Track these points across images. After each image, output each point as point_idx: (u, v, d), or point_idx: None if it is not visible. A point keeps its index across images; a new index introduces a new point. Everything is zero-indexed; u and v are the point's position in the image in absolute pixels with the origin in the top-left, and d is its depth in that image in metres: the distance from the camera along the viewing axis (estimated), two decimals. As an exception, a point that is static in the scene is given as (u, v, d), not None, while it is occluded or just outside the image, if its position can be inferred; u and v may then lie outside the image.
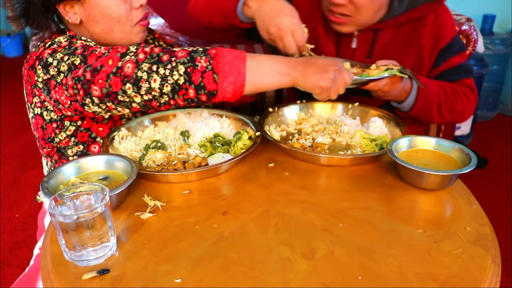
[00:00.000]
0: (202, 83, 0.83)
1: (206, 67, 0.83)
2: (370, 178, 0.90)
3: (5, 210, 2.20)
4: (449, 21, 1.21)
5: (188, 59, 0.84)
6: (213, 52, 0.84)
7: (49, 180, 0.79)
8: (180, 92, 0.84)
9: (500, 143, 2.80)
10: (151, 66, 0.83)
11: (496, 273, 0.66)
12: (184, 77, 0.83)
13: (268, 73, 0.87)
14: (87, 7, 0.99)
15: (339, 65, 0.91)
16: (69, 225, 0.64)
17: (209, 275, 0.64)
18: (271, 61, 0.88)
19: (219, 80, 0.83)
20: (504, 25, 3.06)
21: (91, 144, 1.06)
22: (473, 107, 1.25)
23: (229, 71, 0.83)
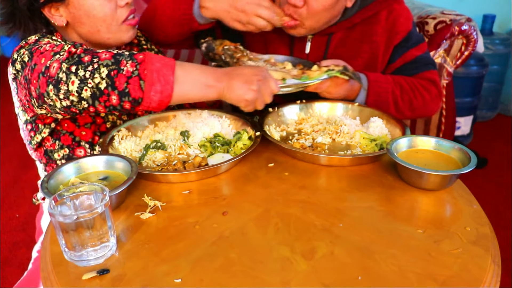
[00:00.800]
0: (127, 89, 0.77)
1: (132, 72, 0.77)
2: (370, 178, 0.90)
3: (5, 210, 2.20)
4: (403, 16, 1.19)
5: (112, 61, 0.78)
6: (140, 57, 0.79)
7: (49, 180, 0.79)
8: (101, 98, 0.79)
9: (500, 143, 2.80)
10: (70, 67, 0.78)
11: (496, 273, 0.66)
12: (107, 81, 0.77)
13: (196, 84, 0.83)
14: (72, 9, 0.98)
15: (264, 74, 0.89)
16: (69, 225, 0.64)
17: (209, 275, 0.64)
18: (199, 72, 0.84)
19: (145, 88, 0.77)
20: (504, 25, 3.06)
21: (76, 148, 1.05)
22: (437, 100, 1.21)
23: (157, 78, 0.78)
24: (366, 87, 1.13)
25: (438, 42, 1.85)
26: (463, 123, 2.67)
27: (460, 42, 1.86)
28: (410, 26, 1.19)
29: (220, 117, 1.10)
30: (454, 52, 1.89)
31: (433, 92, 1.20)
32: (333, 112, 1.17)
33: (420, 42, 1.21)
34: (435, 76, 1.22)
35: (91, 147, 1.07)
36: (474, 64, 2.58)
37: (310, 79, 1.03)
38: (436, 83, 1.21)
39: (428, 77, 1.21)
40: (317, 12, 1.06)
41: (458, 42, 1.87)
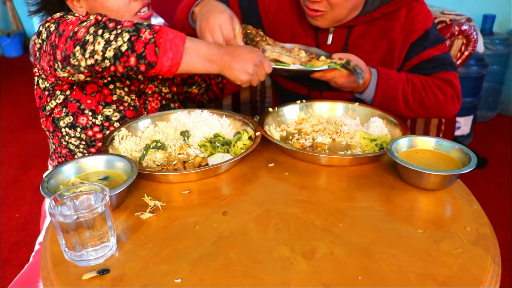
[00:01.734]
0: (144, 53, 0.87)
1: (150, 39, 0.87)
2: (370, 178, 0.90)
3: (5, 210, 2.20)
4: (423, 14, 1.20)
5: (133, 29, 0.88)
6: (157, 28, 0.89)
7: (49, 180, 0.79)
8: (122, 59, 0.88)
9: (500, 143, 2.80)
10: (97, 30, 0.88)
11: (496, 273, 0.66)
12: (128, 45, 0.87)
13: (201, 58, 0.93)
14: (90, 0, 1.06)
15: (260, 58, 1.00)
16: (69, 225, 0.64)
17: (209, 275, 0.64)
18: (206, 47, 0.95)
19: (159, 54, 0.88)
20: (504, 25, 3.07)
21: (79, 116, 1.10)
22: (452, 101, 1.21)
23: (169, 47, 0.88)
24: (375, 82, 1.15)
25: (438, 42, 1.85)
26: (463, 123, 2.68)
27: (460, 42, 1.86)
28: (428, 25, 1.20)
29: (220, 117, 1.10)
30: (454, 52, 1.89)
31: (448, 92, 1.19)
32: (333, 112, 1.17)
33: (440, 43, 1.22)
34: (453, 77, 1.21)
35: (93, 115, 1.10)
36: (474, 64, 2.58)
37: (313, 67, 1.10)
38: (452, 84, 1.21)
39: (444, 78, 1.21)
40: (338, 3, 1.11)
41: (458, 42, 1.87)
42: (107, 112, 1.10)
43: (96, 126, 1.10)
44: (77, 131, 1.10)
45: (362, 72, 1.09)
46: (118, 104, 1.12)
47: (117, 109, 1.12)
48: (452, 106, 1.21)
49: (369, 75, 1.15)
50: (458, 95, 1.22)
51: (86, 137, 1.10)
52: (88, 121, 1.09)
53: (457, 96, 1.21)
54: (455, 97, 1.21)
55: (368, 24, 1.21)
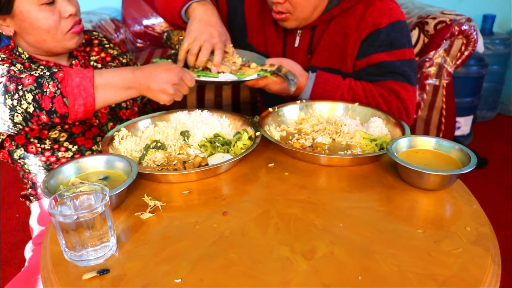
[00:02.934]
0: (53, 108, 0.86)
1: (55, 92, 0.85)
2: (370, 178, 0.90)
3: (5, 210, 2.20)
4: (379, 11, 1.13)
5: (35, 86, 0.86)
6: (60, 76, 0.86)
7: (49, 180, 0.80)
8: (32, 119, 0.87)
9: (500, 143, 2.80)
10: (0, 98, 0.85)
11: (496, 273, 0.66)
12: (34, 105, 0.85)
13: (115, 89, 0.91)
14: (18, 20, 1.03)
15: (178, 75, 0.97)
16: (69, 225, 0.64)
17: (209, 275, 0.64)
18: (118, 77, 0.92)
19: (69, 103, 0.86)
20: (504, 25, 3.07)
21: (28, 145, 1.10)
22: (400, 113, 1.13)
23: (78, 93, 0.86)
24: (310, 87, 1.17)
25: (438, 42, 1.85)
26: (463, 123, 2.67)
27: (460, 42, 1.87)
28: (381, 24, 1.13)
29: (220, 117, 1.10)
30: (454, 52, 1.90)
31: (393, 104, 1.13)
32: (333, 112, 1.17)
33: (395, 48, 1.13)
34: (402, 88, 1.13)
35: (40, 141, 1.09)
36: (474, 64, 2.58)
37: (243, 76, 1.11)
38: (399, 95, 1.13)
39: (390, 87, 1.13)
40: (299, 2, 1.12)
41: (458, 42, 1.87)
42: (53, 135, 1.10)
43: (46, 151, 1.10)
44: (31, 159, 1.10)
45: (295, 78, 1.08)
46: (61, 124, 1.10)
47: (62, 129, 1.10)
48: (400, 118, 1.13)
49: (305, 80, 1.16)
50: (407, 108, 1.14)
51: (41, 163, 1.11)
52: (37, 149, 1.10)
53: (404, 109, 1.14)
54: (402, 110, 1.14)
55: (328, 23, 1.21)
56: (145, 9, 2.68)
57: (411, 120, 1.17)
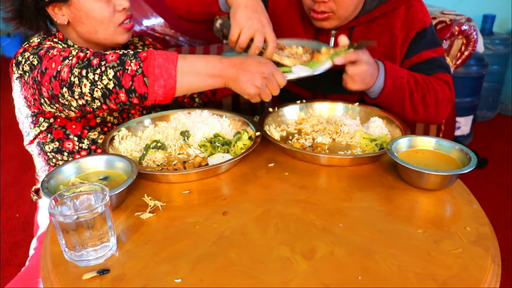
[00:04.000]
0: (133, 86, 0.83)
1: (136, 70, 0.82)
2: (370, 178, 0.90)
3: (5, 210, 2.20)
4: (421, 12, 1.20)
5: (117, 63, 0.84)
6: (144, 55, 0.84)
7: (49, 180, 0.79)
8: (111, 97, 0.84)
9: (500, 143, 2.80)
10: (81, 71, 0.84)
11: (496, 273, 0.66)
12: (114, 82, 0.83)
13: (200, 75, 0.87)
14: (73, 9, 1.04)
15: (270, 70, 0.91)
16: (69, 225, 0.64)
17: (209, 275, 0.64)
18: (203, 63, 0.87)
19: (149, 83, 0.83)
20: (504, 25, 3.07)
21: (65, 141, 1.09)
22: (448, 103, 1.18)
23: (160, 74, 0.83)
24: (383, 70, 1.10)
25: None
26: (463, 123, 2.68)
27: (460, 42, 1.86)
28: (427, 23, 1.20)
29: (220, 117, 1.10)
30: (454, 52, 1.90)
31: (446, 92, 1.16)
32: (333, 112, 1.17)
33: (438, 46, 1.21)
34: (450, 80, 1.20)
35: (79, 140, 1.10)
36: (474, 64, 2.58)
37: (318, 63, 1.04)
38: (450, 85, 1.18)
39: (442, 78, 1.18)
40: (344, 0, 1.11)
41: (458, 42, 1.87)
42: (92, 135, 1.11)
43: (83, 150, 1.11)
44: (64, 155, 1.11)
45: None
46: (102, 126, 1.12)
47: (101, 131, 1.12)
48: (447, 108, 1.19)
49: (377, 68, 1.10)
50: (452, 99, 1.20)
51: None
52: (75, 146, 1.10)
53: (451, 99, 1.20)
54: (451, 99, 1.19)
55: (368, 24, 1.21)
56: (145, 9, 2.67)
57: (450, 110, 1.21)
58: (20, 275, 1.04)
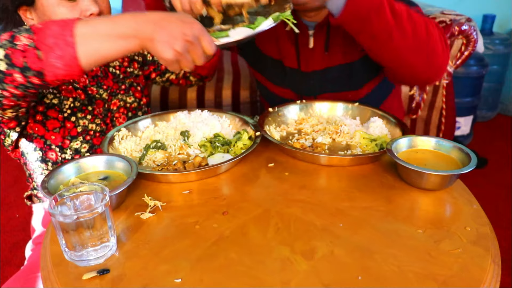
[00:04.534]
0: (26, 64, 0.72)
1: (28, 45, 0.72)
2: (370, 178, 0.90)
3: (5, 210, 2.20)
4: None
5: (8, 40, 0.73)
6: (38, 27, 0.73)
7: (49, 180, 0.79)
8: (6, 80, 0.74)
9: (500, 143, 2.80)
10: None
11: (496, 273, 0.66)
12: (5, 61, 0.72)
13: (108, 38, 0.74)
14: (39, 13, 0.99)
15: (195, 32, 0.76)
16: (69, 225, 0.64)
17: (209, 275, 0.64)
18: (110, 23, 0.74)
19: (43, 56, 0.72)
20: (504, 25, 3.06)
21: (48, 151, 1.07)
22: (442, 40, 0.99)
23: (54, 43, 0.71)
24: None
25: (438, 42, 1.85)
26: (463, 123, 2.67)
27: (460, 42, 1.87)
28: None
29: (220, 117, 1.10)
30: (454, 52, 1.90)
31: (434, 26, 0.99)
32: (333, 112, 1.17)
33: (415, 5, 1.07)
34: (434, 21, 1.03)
35: (61, 150, 1.07)
36: (474, 64, 2.58)
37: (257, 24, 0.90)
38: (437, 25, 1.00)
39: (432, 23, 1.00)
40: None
41: (458, 42, 1.87)
42: (74, 145, 1.08)
43: (67, 160, 1.07)
44: (49, 165, 1.09)
45: None
46: (84, 135, 1.08)
47: (84, 140, 1.08)
48: (440, 43, 0.99)
49: None
50: (445, 40, 1.01)
51: None
52: (58, 157, 1.08)
53: (443, 39, 1.00)
54: (443, 40, 1.00)
55: None
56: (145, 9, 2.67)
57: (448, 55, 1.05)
58: (20, 272, 1.04)
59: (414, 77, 1.03)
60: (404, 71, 1.02)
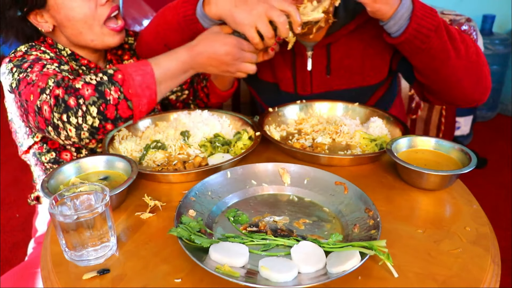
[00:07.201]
0: (118, 115, 0.82)
1: (118, 97, 0.81)
2: (370, 178, 0.90)
3: (5, 210, 2.20)
4: None
5: (97, 96, 0.80)
6: (120, 78, 0.81)
7: (49, 180, 0.80)
8: (99, 132, 0.84)
9: (500, 143, 2.80)
10: (61, 116, 0.81)
11: (496, 273, 0.66)
12: (99, 117, 0.81)
13: (175, 77, 0.88)
14: (53, 13, 0.98)
15: (238, 51, 0.90)
16: (70, 225, 0.64)
17: (209, 275, 0.64)
18: (175, 62, 0.87)
19: (134, 106, 0.82)
20: (504, 25, 3.06)
21: (62, 152, 1.07)
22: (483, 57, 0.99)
23: (142, 93, 0.82)
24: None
25: (438, 42, 1.85)
26: (463, 123, 2.67)
27: (460, 42, 1.86)
28: None
29: (220, 117, 1.10)
30: (454, 52, 1.89)
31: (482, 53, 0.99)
32: (333, 112, 1.17)
33: None
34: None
35: (77, 150, 1.08)
36: (474, 64, 2.57)
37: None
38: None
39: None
40: None
41: (458, 42, 1.86)
42: (90, 144, 1.08)
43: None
44: None
45: None
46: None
47: (100, 140, 1.08)
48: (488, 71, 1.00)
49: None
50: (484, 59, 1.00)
51: None
52: (73, 157, 1.08)
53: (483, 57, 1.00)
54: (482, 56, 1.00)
55: (346, 40, 1.12)
56: (145, 9, 2.68)
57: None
58: (19, 267, 1.04)
59: (463, 98, 1.01)
60: (455, 91, 1.00)
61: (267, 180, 0.86)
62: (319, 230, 0.74)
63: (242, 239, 0.70)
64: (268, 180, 0.86)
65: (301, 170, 0.86)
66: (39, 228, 1.19)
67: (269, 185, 0.85)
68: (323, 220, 0.77)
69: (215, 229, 0.74)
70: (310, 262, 0.64)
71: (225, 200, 0.82)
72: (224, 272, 0.61)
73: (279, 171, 0.86)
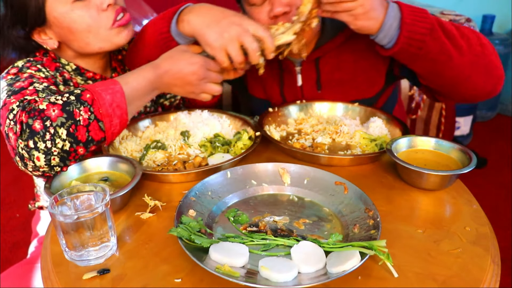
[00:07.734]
0: (90, 137, 0.77)
1: (89, 117, 0.76)
2: (370, 178, 0.90)
3: (5, 210, 2.20)
4: None
5: (65, 117, 0.74)
6: (89, 97, 0.76)
7: (52, 181, 0.80)
8: (70, 157, 0.78)
9: (500, 143, 2.80)
10: (27, 143, 0.73)
11: (495, 273, 0.67)
12: (69, 140, 0.75)
13: (143, 95, 0.86)
14: (56, 28, 0.95)
15: (204, 71, 0.88)
16: (70, 225, 0.65)
17: (209, 275, 0.64)
18: (142, 80, 0.85)
19: (105, 127, 0.78)
20: (504, 25, 3.06)
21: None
22: (493, 48, 0.96)
23: (113, 113, 0.78)
24: (396, 7, 0.87)
25: (438, 42, 1.85)
26: (463, 123, 2.67)
27: (460, 42, 1.86)
28: None
29: (220, 117, 1.10)
30: (454, 52, 1.89)
31: (487, 41, 0.95)
32: (333, 112, 1.17)
33: None
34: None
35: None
36: (474, 64, 2.57)
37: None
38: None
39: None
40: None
41: (458, 42, 1.86)
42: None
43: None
44: None
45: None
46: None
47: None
48: (497, 60, 0.97)
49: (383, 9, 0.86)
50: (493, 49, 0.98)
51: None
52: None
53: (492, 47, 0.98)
54: (492, 46, 0.97)
55: (335, 53, 1.10)
56: (145, 9, 2.68)
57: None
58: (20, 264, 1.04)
59: (475, 93, 0.96)
60: (465, 89, 0.95)
61: (267, 180, 0.86)
62: (319, 230, 0.74)
63: (242, 239, 0.70)
64: (268, 180, 0.86)
65: (301, 170, 0.86)
66: (40, 233, 1.19)
67: (269, 185, 0.86)
68: (323, 220, 0.77)
69: (215, 229, 0.74)
70: (310, 262, 0.64)
71: (225, 200, 0.82)
72: (224, 272, 0.61)
73: (279, 171, 0.86)
